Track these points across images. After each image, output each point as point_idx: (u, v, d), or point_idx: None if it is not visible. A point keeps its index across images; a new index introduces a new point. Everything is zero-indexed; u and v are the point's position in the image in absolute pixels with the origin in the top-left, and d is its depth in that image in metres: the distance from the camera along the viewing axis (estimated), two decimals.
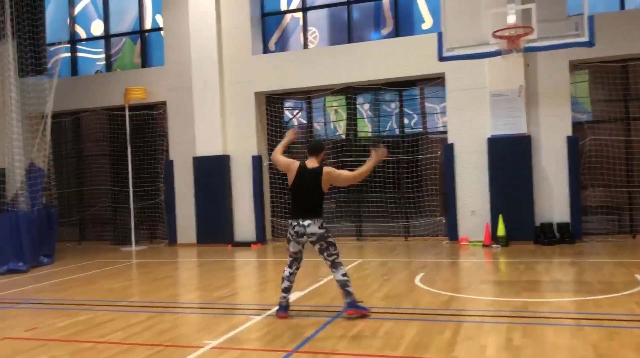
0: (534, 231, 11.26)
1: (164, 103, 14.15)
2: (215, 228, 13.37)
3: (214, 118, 13.37)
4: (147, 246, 13.91)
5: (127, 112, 13.74)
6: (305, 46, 13.64)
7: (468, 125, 11.88)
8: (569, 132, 11.36)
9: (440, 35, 8.60)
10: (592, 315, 5.85)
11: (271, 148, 13.62)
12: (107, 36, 15.20)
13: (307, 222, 5.90)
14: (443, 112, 12.50)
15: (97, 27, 15.36)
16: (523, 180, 11.30)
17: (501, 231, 11.23)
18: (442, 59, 8.63)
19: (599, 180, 11.51)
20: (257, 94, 13.41)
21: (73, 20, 15.45)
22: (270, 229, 13.62)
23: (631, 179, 11.60)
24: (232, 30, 13.46)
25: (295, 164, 6.09)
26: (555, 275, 8.23)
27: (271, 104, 13.68)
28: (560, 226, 11.17)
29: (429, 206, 12.54)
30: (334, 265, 5.98)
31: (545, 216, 11.39)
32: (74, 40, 15.43)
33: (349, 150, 12.98)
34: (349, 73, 12.74)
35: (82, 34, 15.52)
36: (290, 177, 6.05)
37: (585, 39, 7.90)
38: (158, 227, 14.52)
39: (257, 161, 13.33)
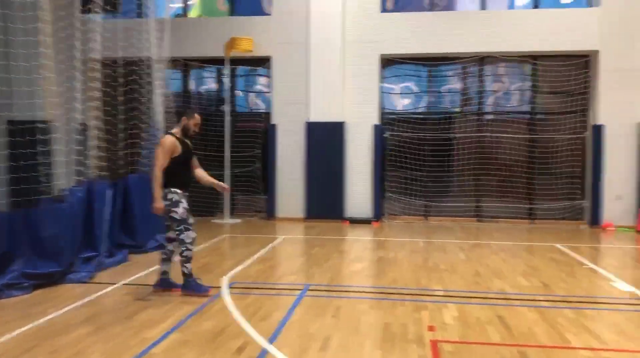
0: None
1: (268, 59, 12.45)
2: (326, 202, 12.05)
3: (334, 80, 11.94)
4: (240, 219, 12.29)
5: (227, 66, 11.94)
6: (432, 7, 12.50)
7: (619, 107, 11.48)
8: None
9: None
10: None
11: (388, 115, 12.45)
12: None
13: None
14: (583, 93, 11.97)
15: None
16: None
17: None
18: None
19: None
20: (382, 56, 12.15)
21: None
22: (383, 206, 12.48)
23: None
24: None
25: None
26: None
27: (388, 69, 12.48)
28: None
29: (563, 188, 12.02)
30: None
31: None
32: None
33: (474, 125, 12.17)
34: (480, 42, 11.86)
35: None
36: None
37: None
38: (246, 199, 12.88)
39: (378, 130, 12.11)
